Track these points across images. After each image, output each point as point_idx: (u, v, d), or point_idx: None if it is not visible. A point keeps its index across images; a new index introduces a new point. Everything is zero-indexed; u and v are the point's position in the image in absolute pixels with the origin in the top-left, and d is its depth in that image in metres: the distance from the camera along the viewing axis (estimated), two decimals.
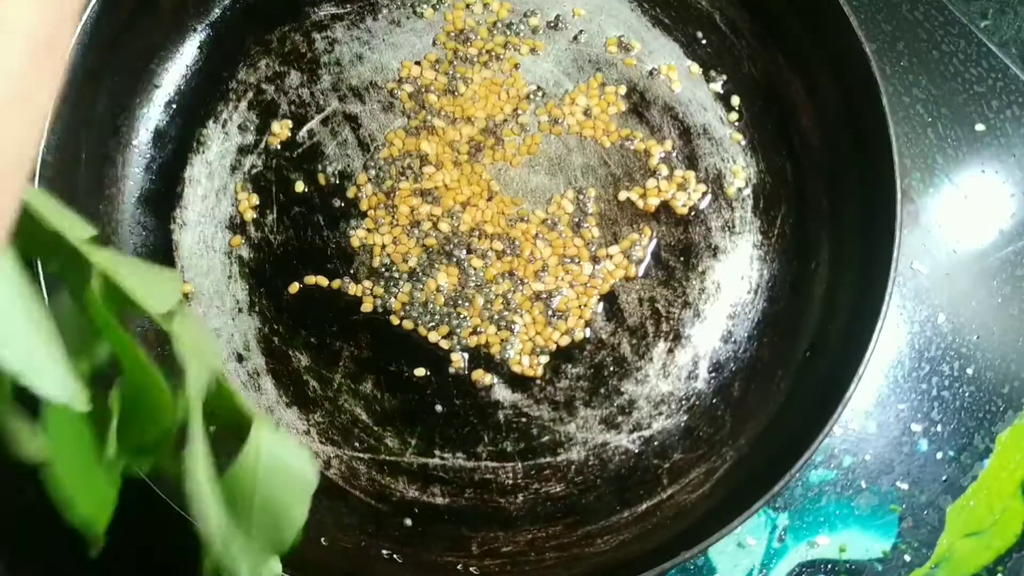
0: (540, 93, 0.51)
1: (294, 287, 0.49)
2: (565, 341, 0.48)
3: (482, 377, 0.48)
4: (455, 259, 0.49)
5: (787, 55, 0.51)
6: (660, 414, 0.48)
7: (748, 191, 0.50)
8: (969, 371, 0.51)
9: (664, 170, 0.50)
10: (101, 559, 0.21)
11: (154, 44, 0.50)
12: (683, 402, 0.48)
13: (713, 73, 0.51)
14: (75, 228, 0.19)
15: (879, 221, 0.45)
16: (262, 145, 0.50)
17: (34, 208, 0.19)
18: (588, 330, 0.49)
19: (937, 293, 0.51)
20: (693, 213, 0.50)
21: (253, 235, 0.49)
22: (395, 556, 0.46)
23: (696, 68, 0.51)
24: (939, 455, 0.50)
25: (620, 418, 0.48)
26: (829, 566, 0.49)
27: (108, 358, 0.19)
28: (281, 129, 0.50)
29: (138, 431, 0.18)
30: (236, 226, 0.49)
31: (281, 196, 0.50)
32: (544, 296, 0.48)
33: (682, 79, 0.51)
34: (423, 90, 0.51)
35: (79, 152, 0.47)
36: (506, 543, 0.47)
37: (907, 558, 0.49)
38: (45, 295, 0.34)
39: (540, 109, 0.50)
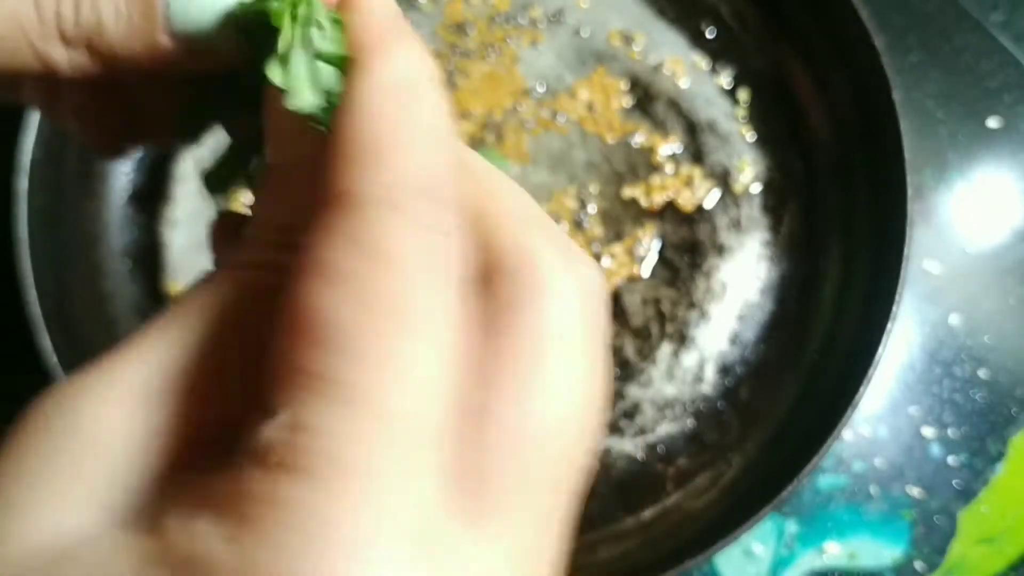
0: (542, 87, 0.50)
1: None
2: None
3: None
4: None
5: (795, 48, 0.50)
6: (665, 418, 0.47)
7: (756, 188, 0.49)
8: (981, 374, 0.50)
9: (669, 167, 0.49)
10: None
11: None
12: (688, 406, 0.47)
13: (719, 67, 0.50)
14: None
15: (889, 219, 0.44)
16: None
17: None
18: None
19: (949, 293, 0.50)
20: (699, 211, 0.49)
21: None
22: None
23: (702, 61, 0.50)
24: (951, 460, 0.49)
25: (624, 422, 0.47)
26: (839, 574, 0.48)
27: None
28: None
29: None
30: None
31: None
32: None
33: (688, 73, 0.50)
34: None
35: (66, 148, 0.46)
36: None
37: (918, 565, 0.48)
38: None
39: (541, 104, 0.49)
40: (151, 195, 0.48)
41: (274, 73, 0.17)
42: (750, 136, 0.50)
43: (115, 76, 0.19)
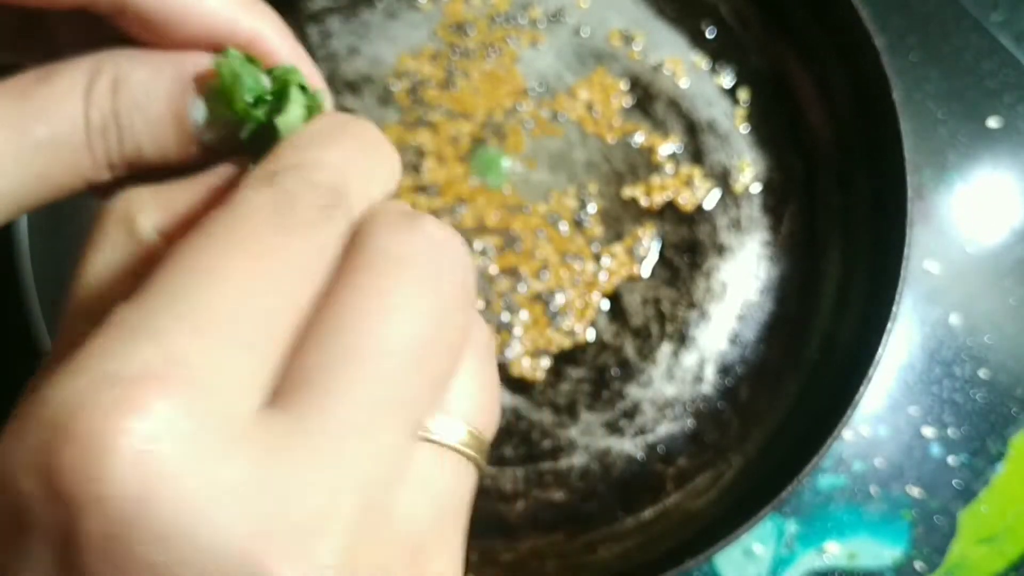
0: (541, 87, 0.49)
1: None
2: (567, 343, 0.47)
3: None
4: None
5: (795, 48, 0.50)
6: (665, 418, 0.47)
7: (756, 188, 0.49)
8: (982, 373, 0.50)
9: (669, 167, 0.49)
10: None
11: None
12: (688, 406, 0.47)
13: (719, 66, 0.50)
14: None
15: (889, 219, 0.44)
16: None
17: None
18: (591, 331, 0.47)
19: (949, 293, 0.50)
20: (699, 211, 0.49)
21: None
22: None
23: (702, 61, 0.50)
24: (951, 460, 0.49)
25: (623, 422, 0.47)
26: (839, 574, 0.47)
27: None
28: None
29: None
30: None
31: None
32: (545, 296, 0.47)
33: (687, 73, 0.50)
34: (421, 84, 0.49)
35: None
36: (506, 551, 0.45)
37: (918, 565, 0.48)
38: None
39: (541, 104, 0.49)
40: None
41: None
42: (750, 136, 0.49)
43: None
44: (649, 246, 0.48)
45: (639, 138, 0.49)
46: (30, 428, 0.15)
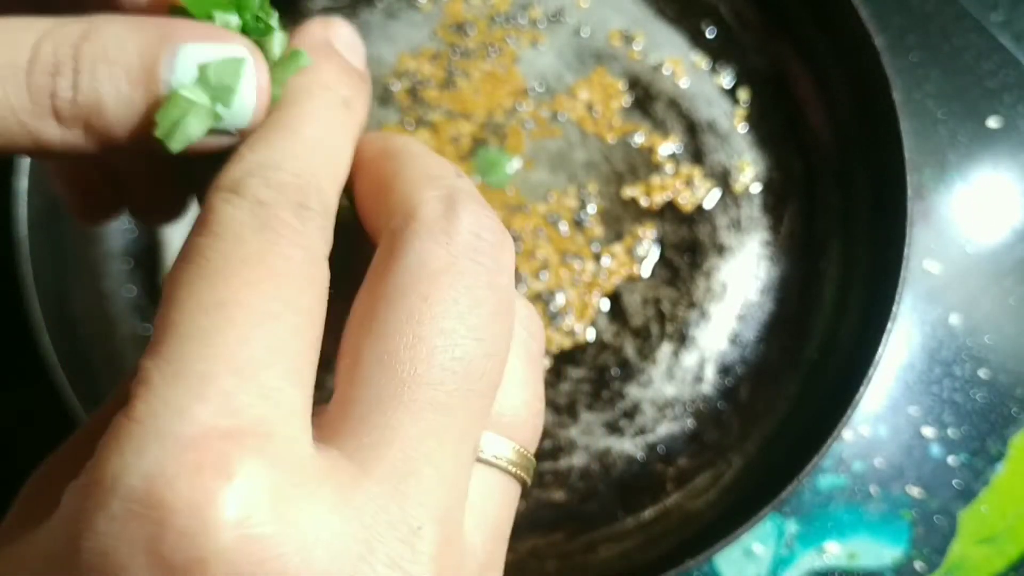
0: (541, 87, 0.49)
1: None
2: (567, 343, 0.47)
3: None
4: None
5: (795, 48, 0.50)
6: (665, 418, 0.47)
7: (756, 188, 0.49)
8: (982, 373, 0.50)
9: (669, 167, 0.49)
10: None
11: None
12: (689, 406, 0.47)
13: (719, 66, 0.50)
14: None
15: (889, 219, 0.44)
16: None
17: None
18: (591, 331, 0.47)
19: (949, 293, 0.50)
20: (699, 211, 0.49)
21: None
22: None
23: (702, 61, 0.50)
24: (951, 460, 0.49)
25: (623, 422, 0.47)
26: (839, 574, 0.47)
27: None
28: None
29: None
30: None
31: None
32: (545, 296, 0.47)
33: (687, 72, 0.50)
34: (421, 84, 0.49)
35: None
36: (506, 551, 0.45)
37: (918, 565, 0.48)
38: None
39: (541, 103, 0.49)
40: None
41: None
42: (750, 136, 0.49)
43: (108, 153, 0.19)
44: (649, 246, 0.48)
45: (639, 138, 0.49)
46: (119, 503, 0.14)
